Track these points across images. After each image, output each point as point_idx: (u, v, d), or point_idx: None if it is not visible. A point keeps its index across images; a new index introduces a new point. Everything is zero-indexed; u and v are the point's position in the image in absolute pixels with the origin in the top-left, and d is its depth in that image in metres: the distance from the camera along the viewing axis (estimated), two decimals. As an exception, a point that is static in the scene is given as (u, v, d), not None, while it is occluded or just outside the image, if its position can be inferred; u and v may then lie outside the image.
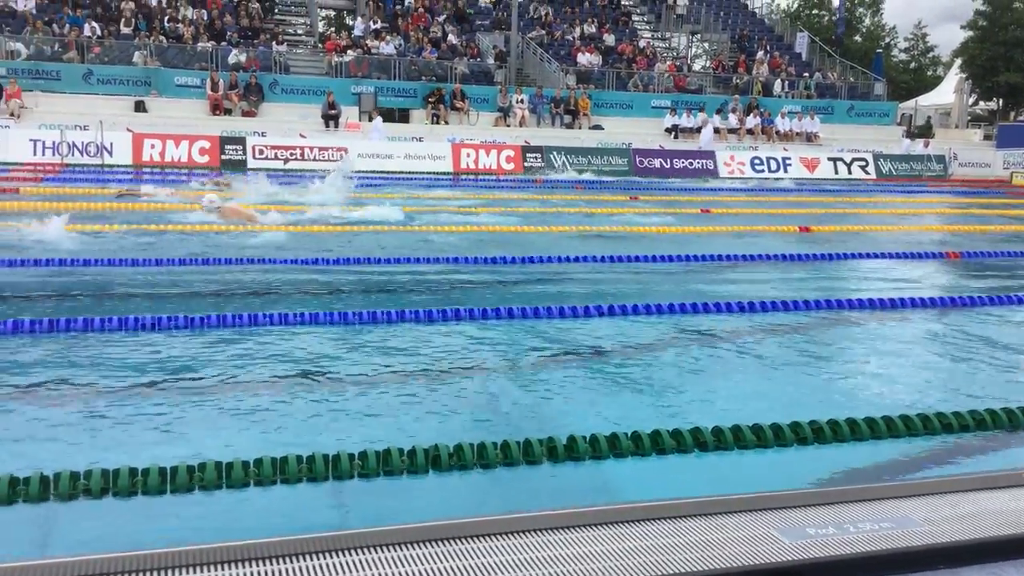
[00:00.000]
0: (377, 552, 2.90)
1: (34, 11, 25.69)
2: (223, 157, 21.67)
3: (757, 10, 39.18)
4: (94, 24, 25.49)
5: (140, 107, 23.59)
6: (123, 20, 26.04)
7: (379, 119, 23.81)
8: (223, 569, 2.83)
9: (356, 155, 22.71)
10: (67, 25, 25.21)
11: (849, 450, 4.33)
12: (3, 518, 3.55)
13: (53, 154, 20.42)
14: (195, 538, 3.22)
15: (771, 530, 3.05)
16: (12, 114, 21.82)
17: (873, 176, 27.10)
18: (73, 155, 20.47)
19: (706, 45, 38.24)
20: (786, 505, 3.28)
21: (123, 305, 7.33)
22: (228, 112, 24.29)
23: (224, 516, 3.75)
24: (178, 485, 3.71)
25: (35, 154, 20.35)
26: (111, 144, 20.79)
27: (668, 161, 25.72)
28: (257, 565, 2.84)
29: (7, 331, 6.20)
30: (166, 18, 26.76)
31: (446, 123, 26.17)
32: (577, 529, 3.03)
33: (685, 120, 28.32)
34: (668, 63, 32.14)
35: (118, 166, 20.44)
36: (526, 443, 3.99)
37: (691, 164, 25.84)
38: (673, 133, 28.04)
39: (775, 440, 4.25)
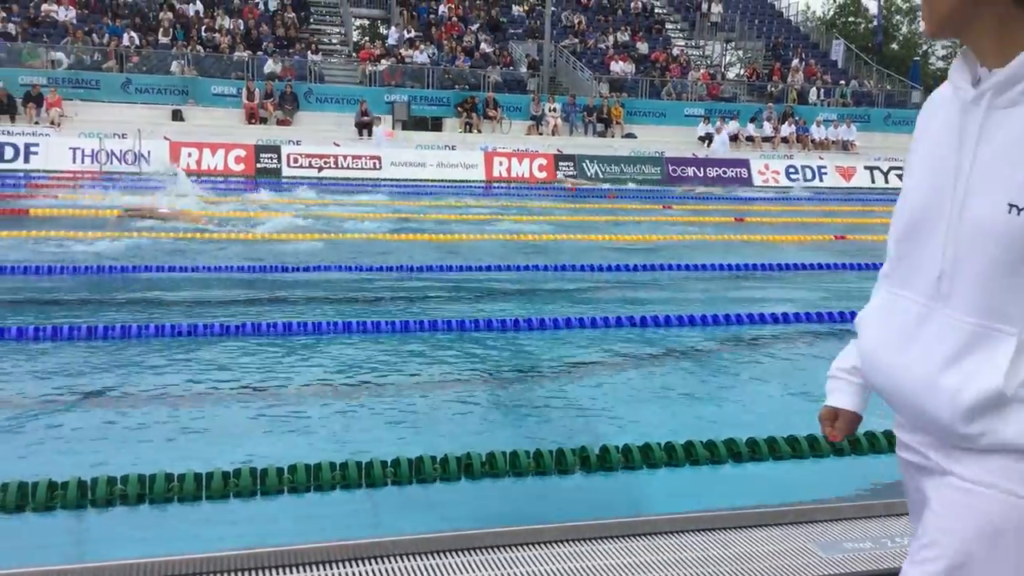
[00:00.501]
0: (407, 561, 2.90)
1: (74, 21, 26.13)
2: (258, 166, 21.87)
3: (792, 18, 38.89)
4: (133, 34, 25.88)
5: (177, 116, 23.90)
6: (161, 30, 26.42)
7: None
8: (253, 575, 2.85)
9: (390, 163, 22.82)
10: (107, 35, 25.62)
11: (887, 463, 4.26)
12: (42, 523, 3.59)
13: (92, 162, 20.72)
14: (227, 544, 3.25)
15: (808, 544, 3.01)
16: (52, 123, 22.18)
17: (910, 185, 26.68)
18: (111, 163, 20.76)
19: (740, 53, 38.03)
20: (824, 519, 3.24)
21: (165, 312, 7.42)
22: (263, 121, 24.53)
23: (257, 522, 3.77)
24: (213, 491, 3.74)
25: (75, 162, 20.66)
26: (148, 152, 21.06)
27: (701, 169, 25.56)
28: (287, 573, 2.85)
29: (62, 338, 6.30)
30: (203, 28, 27.11)
31: (479, 132, 26.23)
32: (608, 540, 3.02)
33: (719, 128, 28.17)
34: (702, 71, 31.99)
35: (154, 174, 20.69)
36: (559, 452, 3.98)
37: (724, 173, 25.66)
38: (707, 141, 27.88)
39: (811, 452, 4.20)
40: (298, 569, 2.89)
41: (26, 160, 20.41)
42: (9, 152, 20.44)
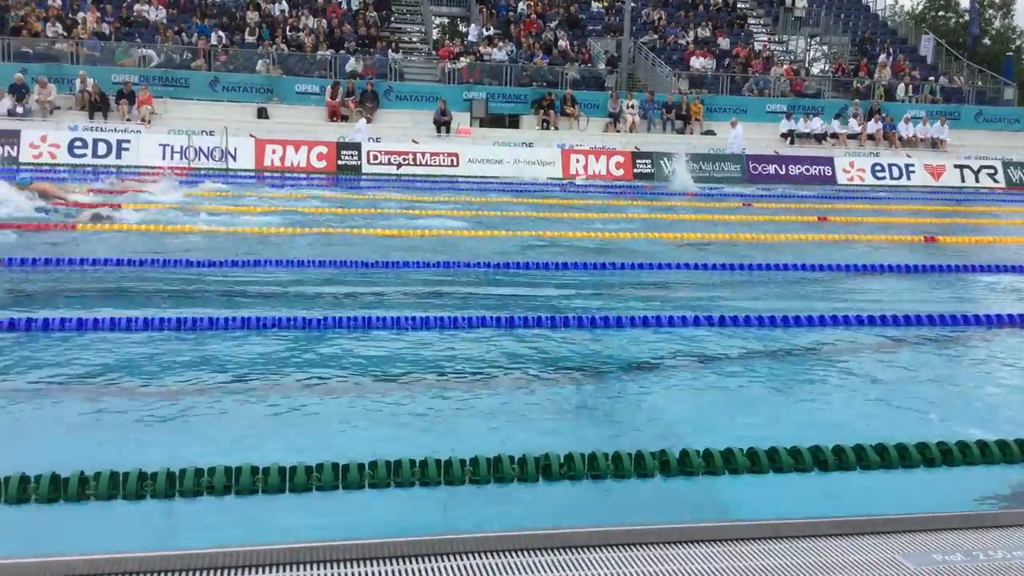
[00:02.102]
0: (481, 558, 2.91)
1: (165, 21, 26.96)
2: (339, 162, 22.25)
3: (880, 12, 37.82)
4: (220, 33, 26.57)
5: (262, 114, 24.46)
6: (248, 29, 27.06)
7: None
8: (332, 568, 2.89)
9: (467, 160, 22.98)
10: (195, 34, 26.37)
11: (980, 473, 4.11)
12: (131, 512, 3.70)
13: (181, 158, 21.36)
14: (310, 537, 3.31)
15: (895, 555, 2.92)
16: (144, 120, 22.94)
17: (1002, 184, 25.78)
18: (199, 160, 21.38)
19: (825, 48, 37.13)
20: (912, 529, 3.15)
21: (248, 304, 7.59)
22: (345, 119, 24.93)
23: (338, 516, 3.83)
24: (296, 485, 3.80)
25: (164, 158, 21.33)
26: (235, 149, 21.63)
27: (783, 167, 25.08)
28: (366, 565, 2.89)
29: (137, 327, 6.50)
30: (288, 27, 27.68)
31: (556, 129, 26.20)
32: (688, 545, 2.98)
33: (802, 125, 27.58)
34: (785, 67, 31.36)
35: (241, 170, 21.24)
36: (638, 455, 3.94)
37: (808, 170, 25.12)
38: (789, 138, 27.34)
39: (900, 461, 4.08)
40: (376, 562, 2.92)
41: (118, 156, 21.16)
42: (102, 148, 21.21)
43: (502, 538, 3.06)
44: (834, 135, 27.77)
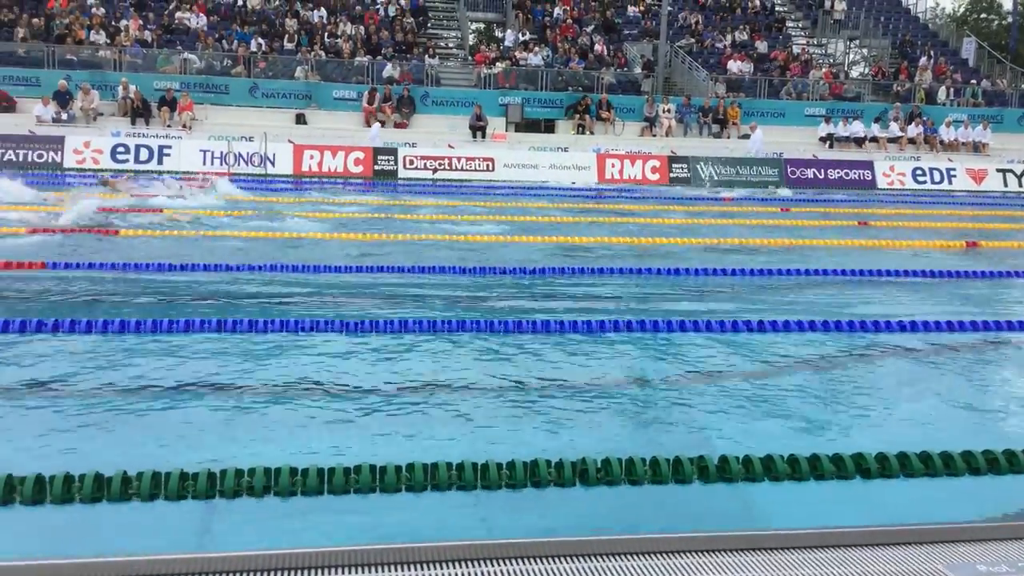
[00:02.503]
0: (517, 564, 2.90)
1: (205, 28, 27.31)
2: (376, 168, 22.39)
3: (920, 15, 37.29)
4: (260, 40, 26.86)
5: (300, 119, 24.68)
6: (287, 36, 27.32)
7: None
8: (369, 572, 2.90)
9: (503, 165, 23.01)
10: (235, 41, 26.68)
11: (1026, 484, 4.03)
12: (171, 511, 3.75)
13: (220, 164, 21.61)
14: (347, 539, 3.33)
15: (938, 565, 2.87)
16: (184, 126, 23.24)
17: (1048, 188, 25.29)
18: (239, 165, 21.62)
19: (865, 51, 36.69)
20: (956, 539, 3.09)
21: (287, 308, 7.65)
22: (381, 124, 25.07)
23: (375, 518, 3.84)
24: (335, 487, 3.83)
25: (204, 164, 21.59)
26: (274, 155, 21.84)
27: (822, 171, 24.80)
28: (402, 570, 2.90)
29: (178, 330, 6.58)
30: (326, 34, 27.91)
31: (591, 133, 26.13)
32: (726, 554, 2.94)
33: (841, 129, 27.27)
34: (824, 70, 31.04)
35: (279, 176, 21.45)
36: (676, 461, 3.91)
37: (847, 175, 24.82)
38: (828, 142, 27.04)
39: (945, 469, 4.00)
40: (413, 567, 2.93)
41: (159, 162, 21.46)
42: (144, 153, 21.52)
43: (538, 544, 3.05)
44: (874, 139, 27.42)
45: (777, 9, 35.37)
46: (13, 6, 26.22)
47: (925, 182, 25.01)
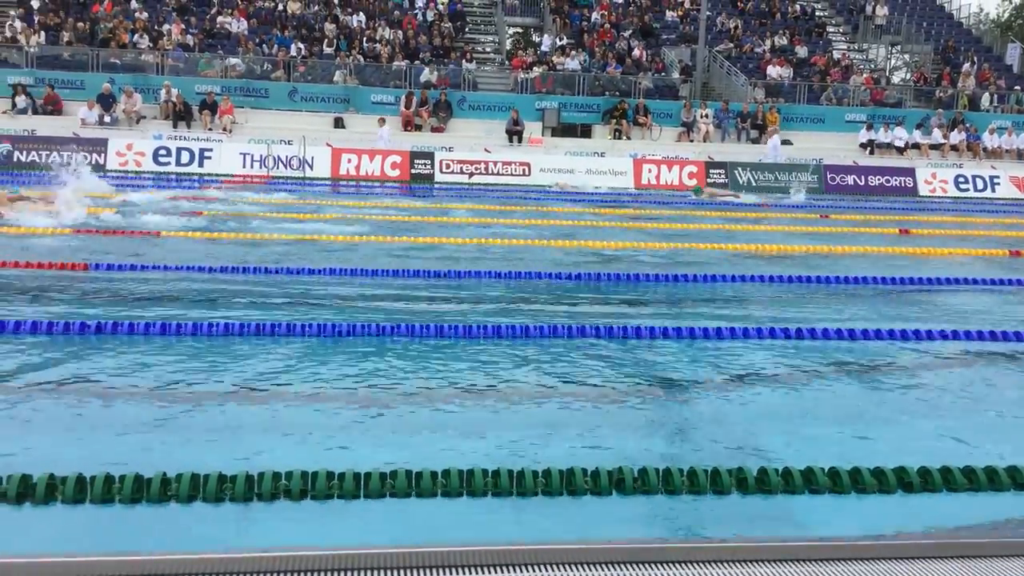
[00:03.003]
0: (552, 571, 2.89)
1: (246, 32, 27.64)
2: (412, 171, 22.51)
3: (963, 20, 36.72)
4: (299, 44, 27.13)
5: (339, 123, 24.87)
6: (326, 41, 27.57)
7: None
8: (403, 574, 2.90)
9: (539, 169, 23.01)
10: (275, 46, 26.97)
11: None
12: (210, 514, 3.78)
13: (260, 167, 21.86)
14: (381, 542, 3.33)
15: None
16: (225, 129, 23.53)
17: (1095, 197, 24.78)
18: (278, 168, 21.85)
19: (907, 57, 36.21)
20: (999, 554, 3.03)
21: (320, 312, 7.70)
22: (418, 128, 25.21)
23: (411, 522, 3.84)
24: (371, 491, 3.84)
25: (244, 167, 21.87)
26: (312, 158, 22.04)
27: (863, 178, 24.53)
28: (437, 574, 2.89)
29: (218, 332, 6.65)
30: (364, 39, 28.11)
31: (628, 138, 26.05)
32: (763, 564, 2.91)
33: (883, 135, 26.92)
34: (865, 75, 30.68)
35: (317, 179, 21.64)
36: (714, 472, 3.87)
37: (888, 181, 24.52)
38: (869, 149, 26.72)
39: (988, 484, 3.92)
40: (448, 571, 2.93)
41: (200, 164, 21.76)
42: (185, 156, 21.84)
43: (573, 551, 3.04)
44: (915, 145, 27.04)
45: (818, 14, 35.03)
46: (59, 10, 26.73)
47: (968, 190, 24.63)
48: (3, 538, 3.61)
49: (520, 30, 35.59)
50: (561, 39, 29.67)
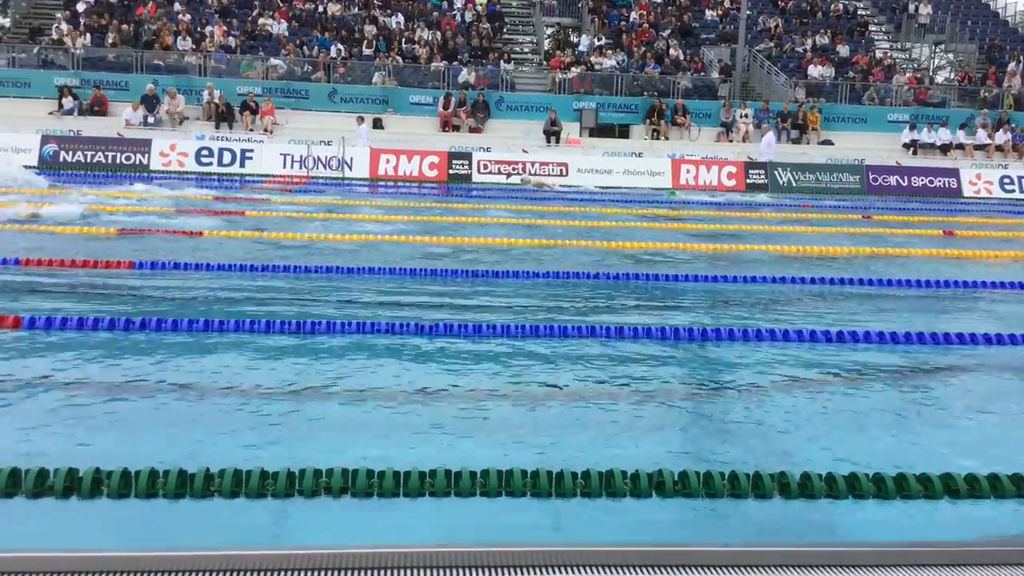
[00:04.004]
0: (589, 573, 2.88)
1: (287, 34, 27.91)
2: (450, 171, 22.58)
3: (1009, 18, 36.03)
4: (339, 46, 27.34)
5: (378, 124, 25.02)
6: (365, 42, 27.75)
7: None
8: (439, 573, 2.91)
9: (576, 170, 22.98)
10: (316, 47, 27.21)
11: None
12: (251, 508, 3.82)
13: (300, 167, 22.07)
14: (420, 541, 3.34)
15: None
16: (266, 130, 23.78)
17: None
18: (317, 168, 22.04)
19: (951, 56, 35.61)
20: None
21: (357, 311, 7.75)
22: (456, 128, 25.28)
23: (450, 522, 3.85)
24: (410, 489, 3.85)
25: (284, 167, 22.09)
26: (351, 159, 22.20)
27: (905, 179, 24.17)
28: (473, 574, 2.90)
29: (259, 330, 6.72)
30: (403, 40, 28.26)
31: (666, 138, 25.90)
32: (806, 570, 2.87)
33: (926, 135, 26.50)
34: (908, 75, 30.23)
35: (356, 179, 21.78)
36: (756, 476, 3.83)
37: (931, 182, 24.14)
38: (912, 149, 26.32)
39: (1037, 492, 3.85)
40: (481, 571, 2.93)
41: (242, 165, 22.02)
42: (227, 157, 22.10)
43: (611, 553, 3.02)
44: (960, 146, 26.59)
45: (860, 13, 34.58)
46: (105, 13, 27.19)
47: (1013, 191, 24.18)
48: (50, 531, 3.68)
49: (556, 29, 35.46)
50: (599, 39, 29.59)
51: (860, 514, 3.76)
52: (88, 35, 26.13)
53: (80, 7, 27.46)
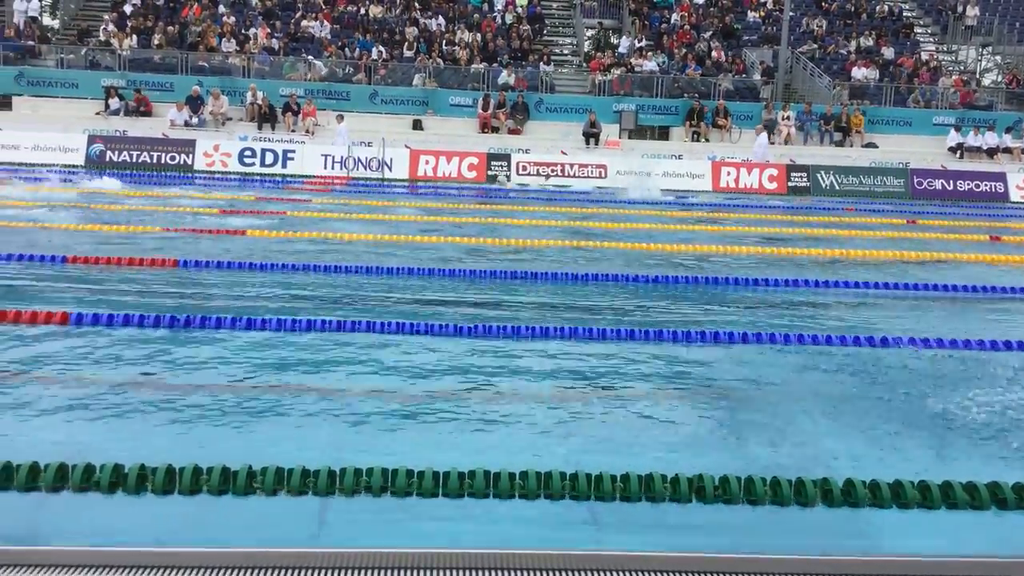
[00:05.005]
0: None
1: (329, 36, 28.15)
2: (489, 172, 22.61)
3: (1061, 18, 35.30)
4: (380, 48, 27.52)
5: (417, 125, 25.15)
6: (406, 44, 27.90)
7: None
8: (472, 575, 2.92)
9: (615, 172, 22.90)
10: (357, 49, 27.41)
11: None
12: (292, 506, 3.85)
13: (341, 168, 22.25)
14: (458, 542, 3.35)
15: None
16: (307, 131, 24.00)
17: None
18: (358, 169, 22.20)
19: (998, 58, 34.95)
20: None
21: (395, 311, 7.79)
22: (495, 130, 25.31)
23: (489, 523, 3.86)
24: (449, 490, 3.86)
25: (325, 168, 22.28)
26: (391, 160, 22.33)
27: (951, 182, 23.76)
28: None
29: (301, 328, 6.78)
30: (444, 42, 28.37)
31: (706, 140, 25.72)
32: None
33: (972, 139, 26.04)
34: (954, 77, 29.73)
35: (396, 180, 21.91)
36: (798, 482, 3.79)
37: (978, 186, 23.71)
38: (958, 152, 25.87)
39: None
40: (515, 573, 2.93)
41: (283, 165, 22.24)
42: (269, 157, 22.34)
43: (649, 558, 3.01)
44: (1007, 149, 26.08)
45: (905, 14, 34.08)
46: (150, 14, 27.63)
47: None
48: (96, 525, 3.74)
49: (596, 30, 35.41)
50: (640, 41, 29.46)
51: (904, 522, 3.71)
52: (134, 37, 26.56)
53: (127, 9, 27.93)
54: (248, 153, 22.39)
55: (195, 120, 23.91)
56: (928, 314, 8.51)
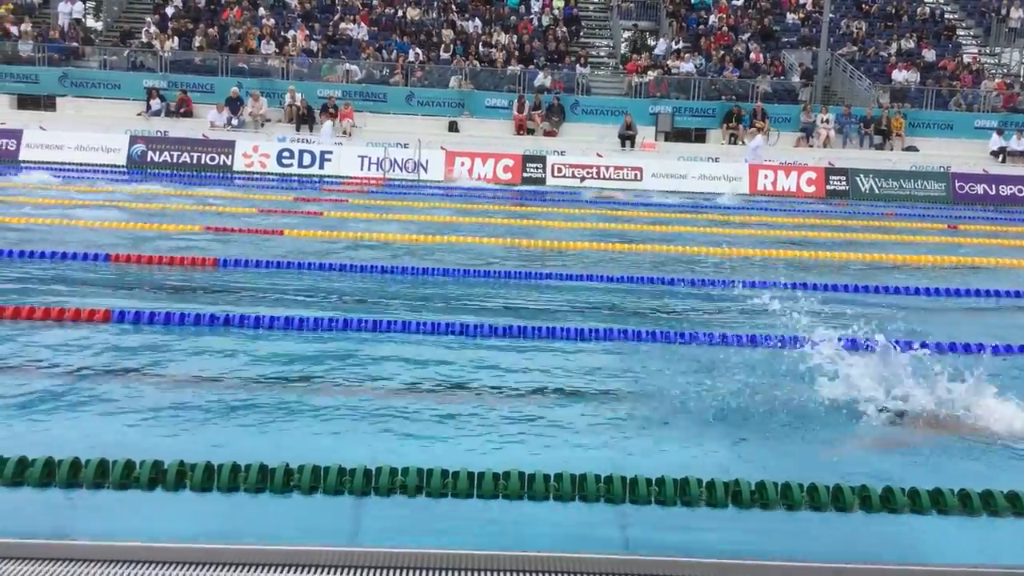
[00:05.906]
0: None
1: (366, 38, 28.35)
2: (524, 174, 22.63)
3: (1108, 21, 34.57)
4: (417, 50, 27.66)
5: (453, 127, 25.25)
6: (443, 46, 28.02)
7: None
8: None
9: (651, 174, 22.81)
10: (394, 51, 27.57)
11: None
12: (329, 504, 3.88)
13: (377, 169, 22.39)
14: (491, 544, 3.35)
15: None
16: (345, 132, 24.19)
17: None
18: (394, 171, 22.32)
19: (1044, 60, 34.32)
20: None
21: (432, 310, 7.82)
22: (531, 132, 25.33)
23: (522, 525, 3.86)
24: (484, 491, 3.87)
25: (362, 169, 22.43)
26: (427, 161, 22.43)
27: (993, 187, 23.37)
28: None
29: (337, 327, 6.84)
30: (480, 44, 28.44)
31: (743, 143, 25.52)
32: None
33: (1015, 143, 25.59)
34: (997, 80, 29.24)
35: (431, 182, 21.99)
36: (836, 488, 3.75)
37: (1021, 191, 23.29)
38: (1000, 156, 25.44)
39: None
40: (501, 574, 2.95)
41: (321, 167, 22.43)
42: (307, 159, 22.54)
43: (683, 564, 2.99)
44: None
45: (947, 16, 33.59)
46: (192, 17, 28.02)
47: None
48: (135, 521, 3.79)
49: (633, 32, 35.36)
50: (677, 42, 29.32)
51: (945, 531, 3.65)
52: (176, 39, 26.95)
53: (169, 11, 28.34)
54: (286, 154, 22.60)
55: (235, 121, 24.19)
56: (970, 319, 8.37)
